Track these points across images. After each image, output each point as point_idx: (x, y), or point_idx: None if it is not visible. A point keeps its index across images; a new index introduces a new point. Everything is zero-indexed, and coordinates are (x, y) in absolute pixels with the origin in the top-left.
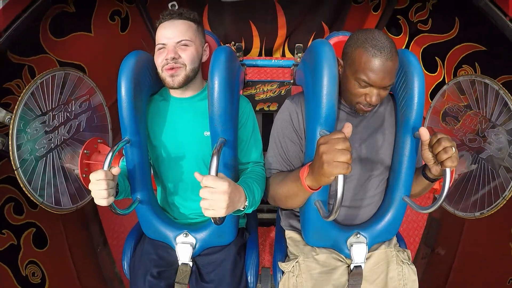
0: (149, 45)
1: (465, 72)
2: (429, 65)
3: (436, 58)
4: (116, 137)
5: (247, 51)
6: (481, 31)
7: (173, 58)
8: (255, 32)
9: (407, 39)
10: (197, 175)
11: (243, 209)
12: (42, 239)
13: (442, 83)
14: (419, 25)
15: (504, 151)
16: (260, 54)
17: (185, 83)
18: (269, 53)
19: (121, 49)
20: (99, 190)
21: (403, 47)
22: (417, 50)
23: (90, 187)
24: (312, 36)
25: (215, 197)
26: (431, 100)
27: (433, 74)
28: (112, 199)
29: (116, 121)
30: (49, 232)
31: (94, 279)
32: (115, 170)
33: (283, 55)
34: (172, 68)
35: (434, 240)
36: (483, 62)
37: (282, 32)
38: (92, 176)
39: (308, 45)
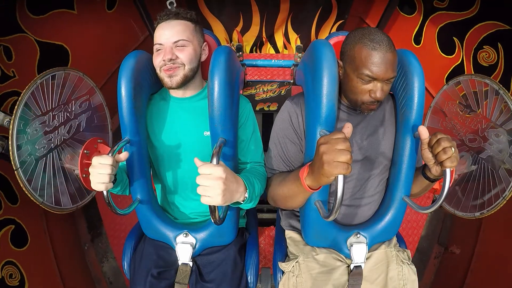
0: (140, 25)
1: (486, 54)
2: (446, 47)
3: (454, 38)
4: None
5: (245, 30)
6: (505, 7)
7: (170, 59)
8: (254, 7)
9: (421, 18)
10: (196, 161)
11: (243, 202)
12: (22, 237)
13: (460, 66)
14: (435, 3)
15: (504, 151)
16: (260, 32)
17: (184, 83)
18: (270, 31)
19: (108, 29)
20: (103, 174)
21: (417, 28)
22: (432, 30)
23: (93, 170)
24: (319, 12)
25: (210, 183)
26: (447, 83)
27: (449, 56)
28: (111, 185)
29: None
30: (29, 230)
31: (80, 280)
32: (124, 155)
33: (286, 35)
34: (170, 69)
35: (447, 237)
36: (507, 43)
37: (285, 6)
38: (98, 160)
39: (314, 22)
